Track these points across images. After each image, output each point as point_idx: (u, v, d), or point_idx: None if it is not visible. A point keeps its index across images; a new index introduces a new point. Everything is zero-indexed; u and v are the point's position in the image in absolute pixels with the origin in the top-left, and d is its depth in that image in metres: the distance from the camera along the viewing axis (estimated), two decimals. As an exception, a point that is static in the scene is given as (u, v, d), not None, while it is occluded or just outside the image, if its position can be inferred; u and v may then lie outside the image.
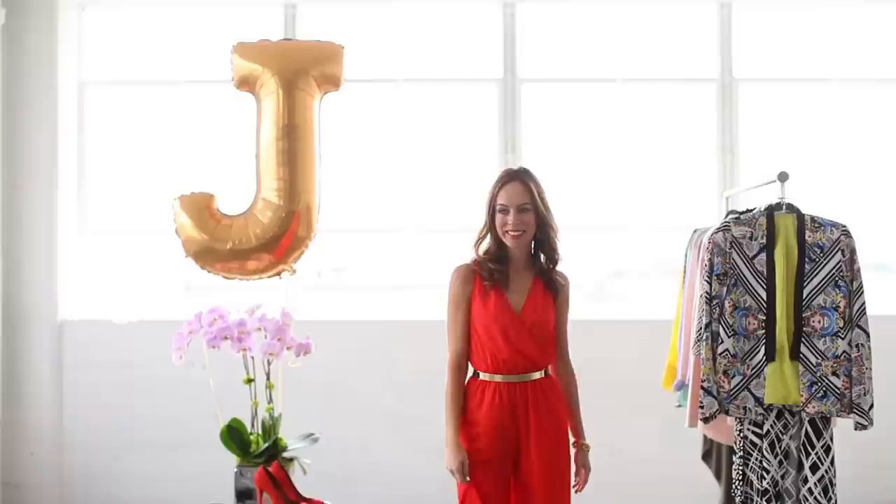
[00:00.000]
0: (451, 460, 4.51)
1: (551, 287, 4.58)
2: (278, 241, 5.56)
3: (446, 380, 4.57)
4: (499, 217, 4.51)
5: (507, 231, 4.50)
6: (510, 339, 4.49)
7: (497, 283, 4.53)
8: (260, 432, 5.35)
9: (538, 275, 4.59)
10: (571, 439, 4.63)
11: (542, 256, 4.61)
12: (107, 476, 7.34)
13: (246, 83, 5.72)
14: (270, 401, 5.35)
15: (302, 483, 5.23)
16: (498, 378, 4.52)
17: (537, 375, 4.54)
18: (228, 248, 5.57)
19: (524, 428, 4.51)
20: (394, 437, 7.22)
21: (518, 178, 4.54)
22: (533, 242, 4.59)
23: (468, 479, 4.51)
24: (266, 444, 5.27)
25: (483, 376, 4.55)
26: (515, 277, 4.56)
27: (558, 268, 4.63)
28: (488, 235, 4.58)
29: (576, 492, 4.57)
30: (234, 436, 5.31)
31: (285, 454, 5.30)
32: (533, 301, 4.53)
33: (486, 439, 4.50)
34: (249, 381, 5.40)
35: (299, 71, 5.63)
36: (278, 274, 5.67)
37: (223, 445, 5.32)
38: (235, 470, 5.27)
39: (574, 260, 4.68)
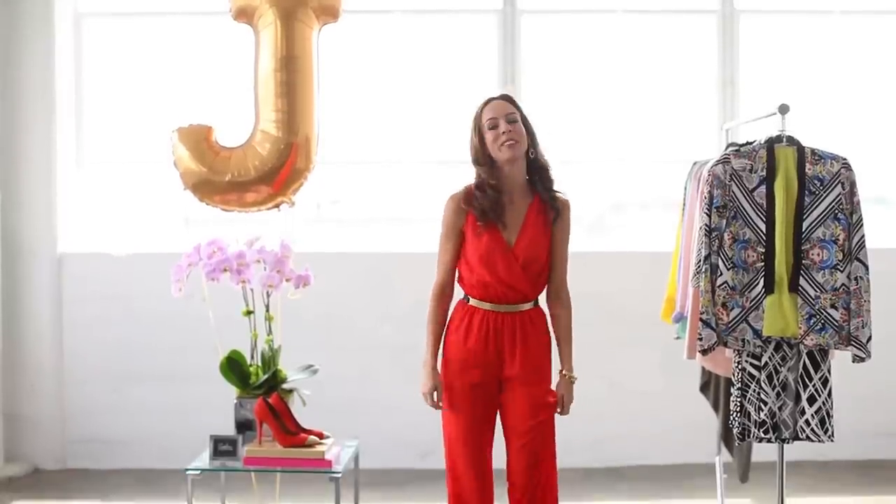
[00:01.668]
0: (425, 384, 4.56)
1: (550, 208, 4.53)
2: (277, 172, 5.53)
3: (429, 306, 4.60)
4: (490, 134, 4.45)
5: (502, 144, 4.43)
6: (501, 275, 4.47)
7: (490, 220, 4.49)
8: (259, 364, 5.36)
9: (535, 197, 4.54)
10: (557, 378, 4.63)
11: (538, 180, 4.57)
12: (107, 408, 7.37)
13: (244, 14, 5.67)
14: (270, 332, 5.35)
15: (301, 414, 5.24)
16: (487, 306, 4.52)
17: (527, 306, 4.54)
18: (227, 181, 5.55)
19: (509, 356, 4.51)
20: (392, 367, 7.25)
21: (501, 97, 4.55)
22: (525, 167, 4.55)
23: (440, 405, 4.56)
24: (265, 376, 5.28)
25: (473, 302, 4.54)
26: (510, 209, 4.50)
27: (558, 190, 4.58)
28: (479, 169, 4.53)
29: (559, 413, 4.56)
30: (233, 367, 5.32)
31: (285, 385, 5.31)
32: (527, 233, 4.49)
33: (470, 364, 4.51)
34: (249, 313, 5.40)
35: (297, 2, 5.57)
36: (277, 206, 5.65)
37: (223, 377, 5.33)
38: (235, 401, 5.28)
39: (573, 192, 4.66)
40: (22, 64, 7.25)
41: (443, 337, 4.60)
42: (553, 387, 4.58)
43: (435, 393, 4.54)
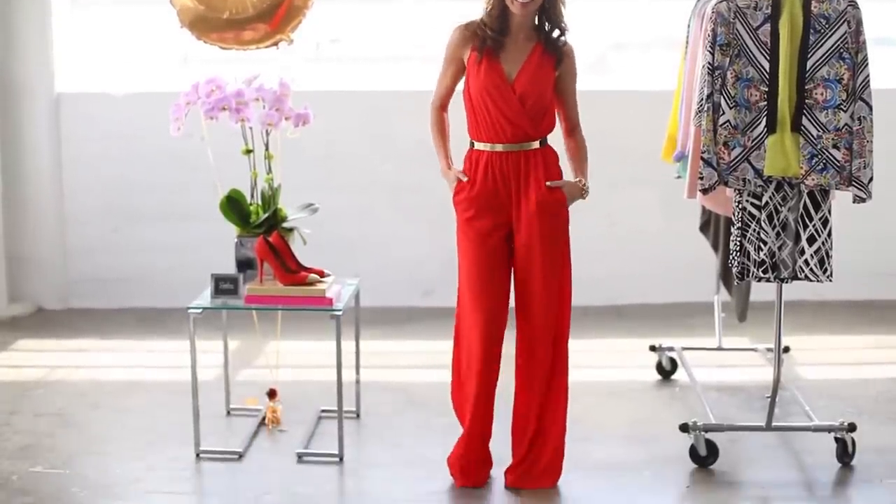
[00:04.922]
0: (450, 186, 4.66)
1: (553, 53, 4.53)
2: (275, 10, 5.46)
3: (429, 120, 4.71)
4: None
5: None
6: (500, 108, 4.48)
7: (491, 52, 4.49)
8: (259, 203, 5.35)
9: (540, 42, 4.53)
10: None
11: (546, 25, 4.55)
12: (108, 247, 7.39)
13: None
14: (269, 171, 5.34)
15: (302, 253, 5.26)
16: (490, 147, 4.52)
17: (534, 145, 4.54)
18: (224, 18, 5.48)
19: (517, 198, 4.52)
20: (393, 206, 7.26)
21: None
22: (537, 12, 4.53)
23: (466, 177, 4.60)
24: (266, 215, 5.28)
25: (478, 146, 4.56)
26: (514, 47, 4.51)
27: (564, 38, 4.58)
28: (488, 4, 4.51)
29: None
30: (233, 206, 5.31)
31: (285, 224, 5.31)
32: (528, 70, 4.50)
33: (479, 209, 4.54)
34: (248, 151, 5.37)
35: None
36: (275, 44, 5.59)
37: (223, 216, 5.33)
38: (235, 240, 5.29)
39: (574, 31, 4.61)
40: None
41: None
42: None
43: (457, 177, 4.61)
